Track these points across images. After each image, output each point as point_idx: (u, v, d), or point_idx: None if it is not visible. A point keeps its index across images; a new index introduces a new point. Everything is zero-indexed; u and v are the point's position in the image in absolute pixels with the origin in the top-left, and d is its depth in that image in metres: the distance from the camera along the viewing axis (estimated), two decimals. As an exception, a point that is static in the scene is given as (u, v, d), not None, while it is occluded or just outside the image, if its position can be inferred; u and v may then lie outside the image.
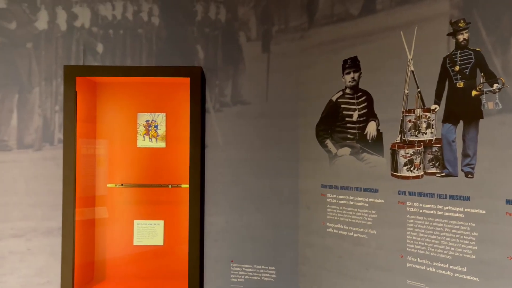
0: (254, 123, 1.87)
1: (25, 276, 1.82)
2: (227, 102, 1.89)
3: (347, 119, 1.66)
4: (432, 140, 1.41)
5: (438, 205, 1.38)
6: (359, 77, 1.62)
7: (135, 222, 2.04)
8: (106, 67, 1.83)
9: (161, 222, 2.04)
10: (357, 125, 1.62)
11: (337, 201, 1.69)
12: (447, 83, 1.36)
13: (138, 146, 2.03)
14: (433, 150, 1.40)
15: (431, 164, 1.40)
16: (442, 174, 1.37)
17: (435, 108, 1.39)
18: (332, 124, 1.71)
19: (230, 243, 1.88)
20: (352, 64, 1.64)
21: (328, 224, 1.72)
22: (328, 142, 1.72)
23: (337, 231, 1.69)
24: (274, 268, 1.85)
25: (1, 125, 1.80)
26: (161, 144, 2.03)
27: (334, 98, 1.70)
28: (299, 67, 1.83)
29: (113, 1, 1.89)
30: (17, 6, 1.82)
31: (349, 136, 1.65)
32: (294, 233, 1.83)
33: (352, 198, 1.64)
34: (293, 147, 1.83)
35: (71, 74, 1.80)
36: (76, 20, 1.87)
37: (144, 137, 2.03)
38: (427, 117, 1.41)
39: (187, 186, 1.90)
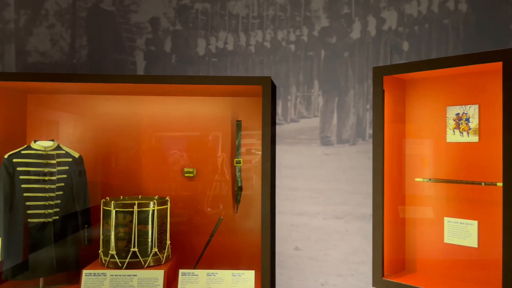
0: None
1: (344, 253, 2.13)
2: (556, 84, 1.55)
3: None
4: None
5: None
6: None
7: (445, 219, 1.98)
8: (410, 63, 1.88)
9: (475, 223, 1.89)
10: None
11: None
12: None
13: (447, 141, 1.97)
14: None
15: None
16: None
17: None
18: None
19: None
20: None
21: None
22: None
23: None
24: None
25: (325, 123, 2.19)
26: (473, 138, 1.89)
27: None
28: None
29: (419, -2, 1.94)
30: (337, 22, 2.16)
31: None
32: None
33: None
34: None
35: (379, 74, 1.96)
36: (384, 24, 2.03)
37: (454, 131, 1.95)
38: None
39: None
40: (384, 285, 1.94)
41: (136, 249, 2.16)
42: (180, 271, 2.15)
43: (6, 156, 2.15)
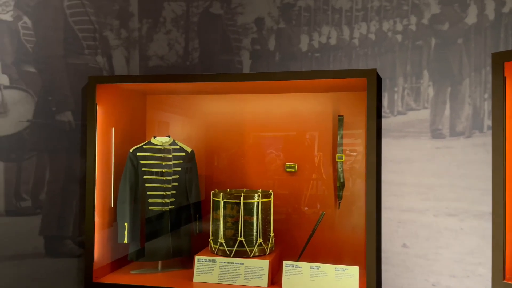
0: None
1: (458, 253, 2.00)
2: None
3: None
4: None
5: None
6: None
7: None
8: (537, 46, 1.71)
9: None
10: None
11: None
12: None
13: None
14: None
15: None
16: None
17: None
18: None
19: None
20: None
21: None
22: None
23: None
24: None
25: (436, 115, 2.08)
26: None
27: None
28: None
29: (548, -27, 1.75)
30: (449, 8, 2.04)
31: None
32: None
33: None
34: None
35: (499, 60, 1.80)
36: (504, 6, 1.87)
37: None
38: None
39: None
40: (506, 290, 1.78)
41: (242, 239, 2.26)
42: (284, 262, 2.20)
43: (131, 150, 2.42)
